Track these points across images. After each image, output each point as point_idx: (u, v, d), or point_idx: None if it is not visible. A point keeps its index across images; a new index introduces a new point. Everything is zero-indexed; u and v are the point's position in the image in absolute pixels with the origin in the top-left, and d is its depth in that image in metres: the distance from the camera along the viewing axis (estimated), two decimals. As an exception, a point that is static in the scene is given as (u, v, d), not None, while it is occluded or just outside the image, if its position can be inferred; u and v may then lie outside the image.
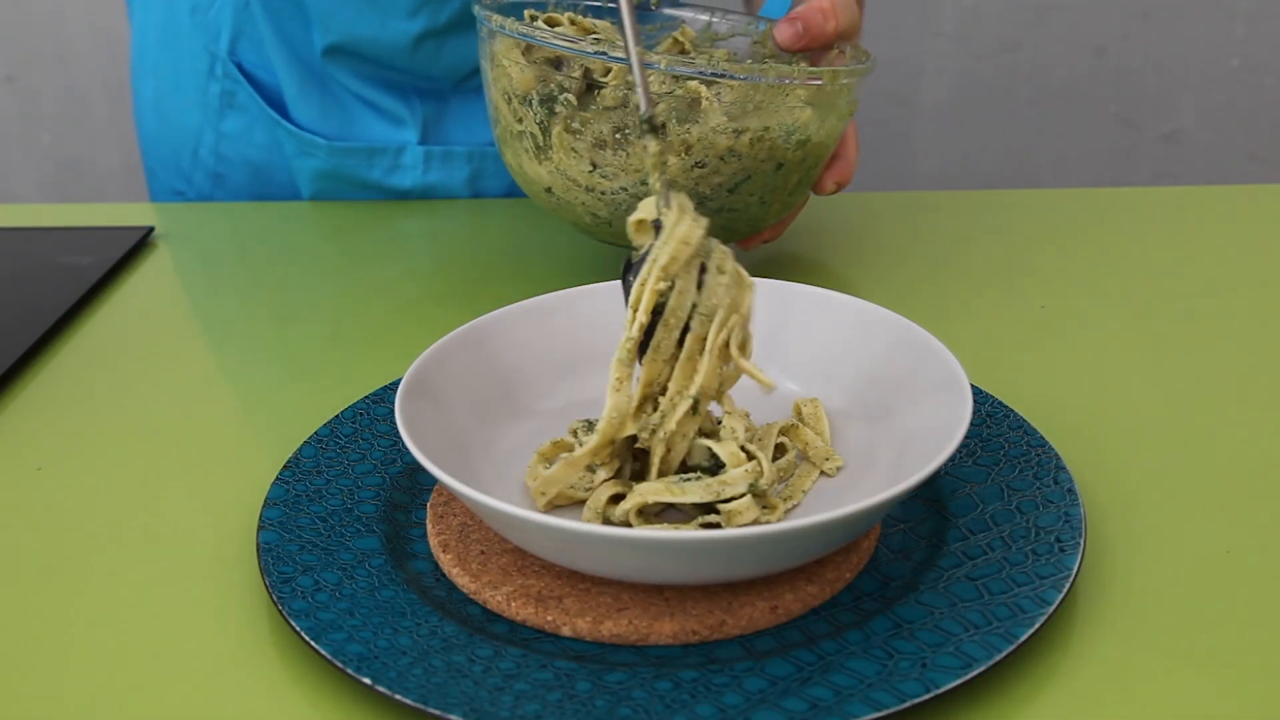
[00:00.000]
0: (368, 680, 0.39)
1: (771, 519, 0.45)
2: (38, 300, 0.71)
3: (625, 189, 0.61)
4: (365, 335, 0.69)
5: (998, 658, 0.39)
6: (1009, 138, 1.70)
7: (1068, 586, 0.42)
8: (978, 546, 0.45)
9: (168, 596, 0.46)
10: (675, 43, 0.69)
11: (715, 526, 0.45)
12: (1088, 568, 0.45)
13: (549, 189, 0.64)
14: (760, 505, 0.45)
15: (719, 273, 0.46)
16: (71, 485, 0.54)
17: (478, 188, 0.90)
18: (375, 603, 0.43)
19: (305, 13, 0.85)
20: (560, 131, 0.61)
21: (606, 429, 0.45)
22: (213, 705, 0.41)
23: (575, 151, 0.61)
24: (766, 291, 0.53)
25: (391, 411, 0.55)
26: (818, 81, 0.60)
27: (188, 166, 0.92)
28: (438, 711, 0.38)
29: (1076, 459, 0.52)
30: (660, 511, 0.46)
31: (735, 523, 0.44)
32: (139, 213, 0.87)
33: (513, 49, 0.62)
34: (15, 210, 0.90)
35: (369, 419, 0.54)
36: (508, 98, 0.63)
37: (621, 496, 0.46)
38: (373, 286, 0.74)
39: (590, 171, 0.62)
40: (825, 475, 0.49)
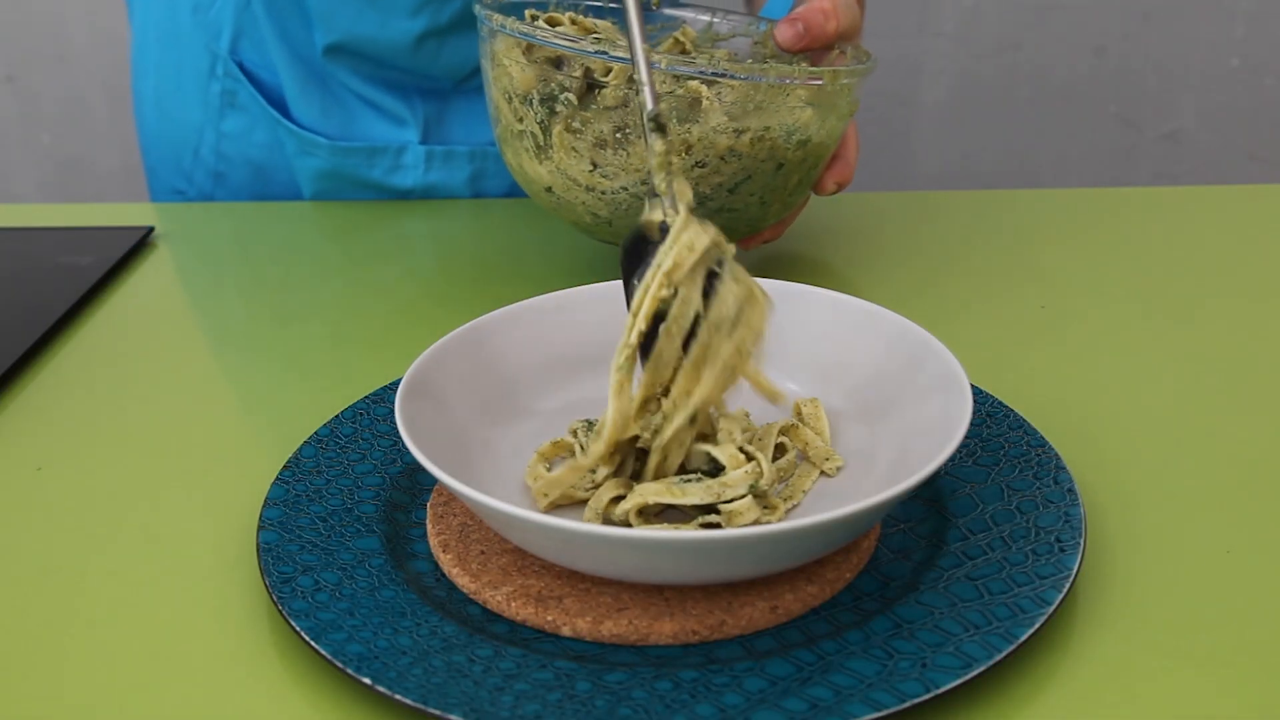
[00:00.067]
0: (368, 680, 0.39)
1: (772, 519, 0.45)
2: (38, 300, 0.71)
3: (626, 188, 0.61)
4: (365, 335, 0.69)
5: (998, 658, 0.39)
6: (1009, 138, 1.70)
7: (1068, 586, 0.42)
8: (978, 546, 0.45)
9: (168, 596, 0.46)
10: (676, 43, 0.69)
11: (715, 526, 0.45)
12: (1088, 568, 0.45)
13: (549, 188, 0.64)
14: (761, 506, 0.45)
15: (733, 281, 0.45)
16: (71, 485, 0.54)
17: (479, 187, 0.90)
18: (375, 603, 0.43)
19: (306, 12, 0.85)
20: (561, 131, 0.61)
21: (611, 435, 0.45)
22: (213, 705, 0.41)
23: (576, 151, 0.61)
24: (766, 292, 0.53)
25: (391, 411, 0.55)
26: (818, 81, 0.60)
27: (188, 165, 0.92)
28: (438, 711, 0.38)
29: (1076, 459, 0.52)
30: (660, 511, 0.46)
31: (736, 523, 0.44)
32: (139, 213, 0.87)
33: (513, 48, 0.62)
34: (15, 210, 0.90)
35: (369, 419, 0.54)
36: (508, 97, 0.63)
37: (622, 497, 0.46)
38: (373, 286, 0.74)
39: (591, 171, 0.62)
40: (825, 475, 0.49)
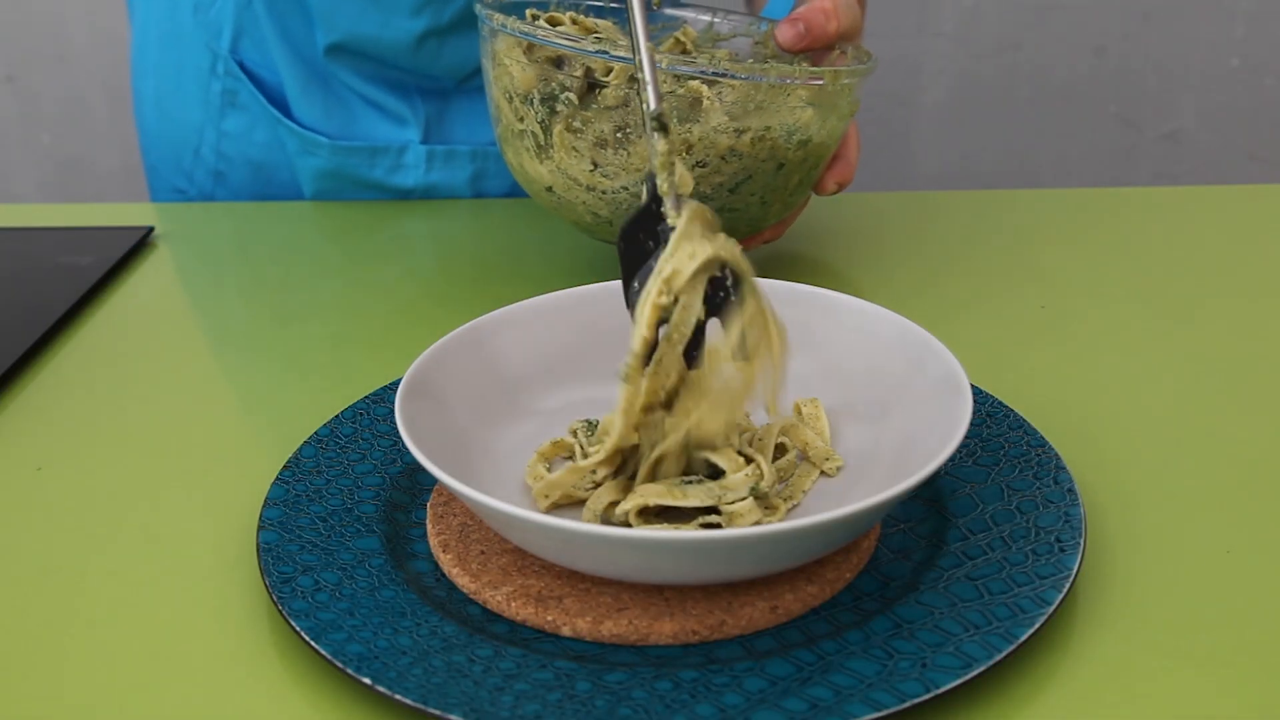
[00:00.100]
0: (368, 680, 0.39)
1: (772, 519, 0.45)
2: (38, 300, 0.71)
3: (626, 188, 0.61)
4: (365, 335, 0.68)
5: (998, 658, 0.39)
6: (1009, 138, 1.70)
7: (1068, 586, 0.42)
8: (978, 546, 0.45)
9: (168, 596, 0.46)
10: (677, 43, 0.69)
11: (715, 527, 0.45)
12: (1088, 568, 0.45)
13: (550, 188, 0.64)
14: (762, 507, 0.45)
15: (750, 307, 0.44)
16: (71, 485, 0.54)
17: (480, 187, 0.90)
18: (375, 603, 0.43)
19: (308, 11, 0.85)
20: (561, 130, 0.61)
21: (614, 444, 0.45)
22: (213, 705, 0.41)
23: (576, 150, 0.61)
24: (767, 292, 0.53)
25: (391, 411, 0.55)
26: (819, 81, 0.60)
27: (189, 165, 0.92)
28: (438, 711, 0.38)
29: (1076, 459, 0.52)
30: (660, 512, 0.46)
31: (737, 525, 0.44)
32: (139, 213, 0.87)
33: (514, 48, 0.62)
34: (15, 210, 0.90)
35: (369, 419, 0.54)
36: (509, 96, 0.63)
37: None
38: (373, 286, 0.74)
39: (591, 171, 0.62)
40: (825, 475, 0.49)
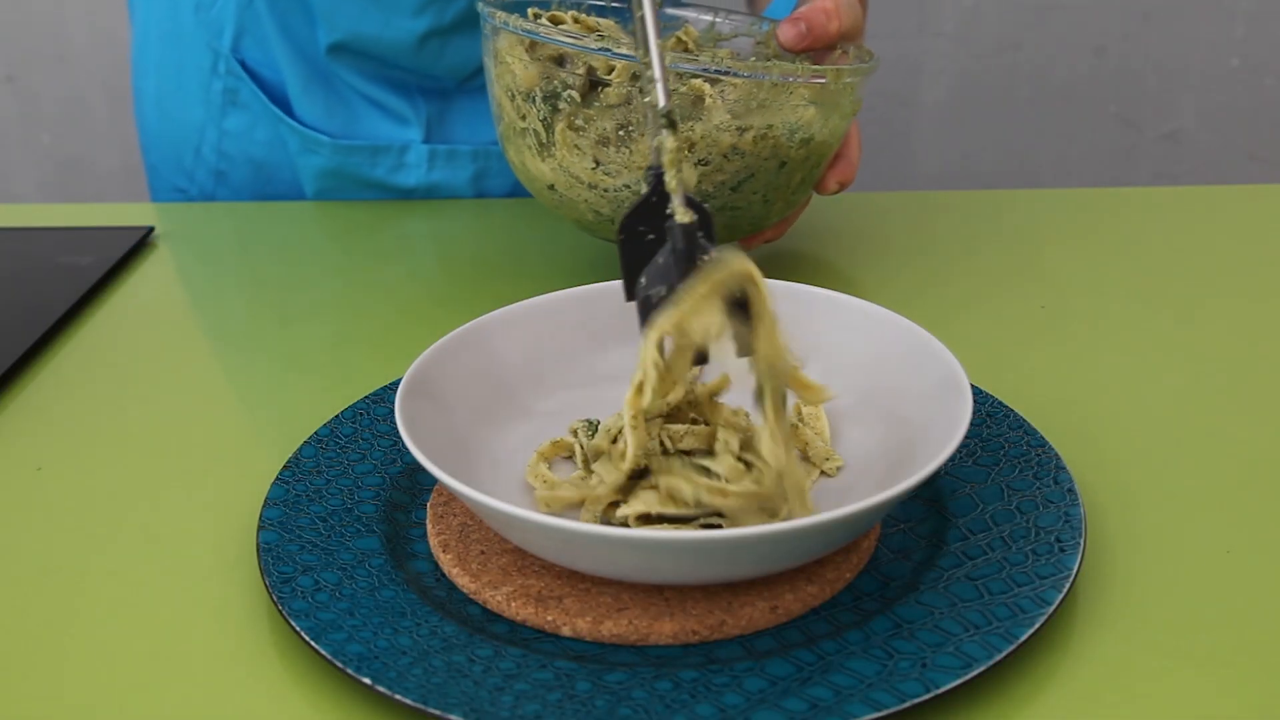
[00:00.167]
0: (368, 680, 0.39)
1: (773, 519, 0.45)
2: (38, 300, 0.71)
3: (628, 186, 0.61)
4: (366, 335, 0.68)
5: (998, 658, 0.39)
6: (1009, 138, 1.70)
7: (1068, 586, 0.42)
8: (978, 546, 0.45)
9: (168, 596, 0.46)
10: (679, 42, 0.69)
11: (715, 527, 0.45)
12: (1088, 568, 0.45)
13: (552, 186, 0.64)
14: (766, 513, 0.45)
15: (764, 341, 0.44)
16: (71, 485, 0.54)
17: (482, 187, 0.90)
18: (375, 603, 0.43)
19: (309, 10, 0.85)
20: (563, 128, 0.61)
21: (630, 467, 0.45)
22: (213, 705, 0.41)
23: (578, 149, 0.61)
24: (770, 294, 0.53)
25: (391, 411, 0.55)
26: (821, 80, 0.60)
27: (190, 164, 0.92)
28: (438, 711, 0.38)
29: (1076, 459, 0.52)
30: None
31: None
32: (139, 213, 0.87)
33: (516, 46, 0.62)
34: (15, 210, 0.90)
35: (369, 419, 0.54)
36: (511, 95, 0.63)
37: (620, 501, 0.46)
38: (373, 286, 0.74)
39: (593, 169, 0.62)
40: (825, 475, 0.49)
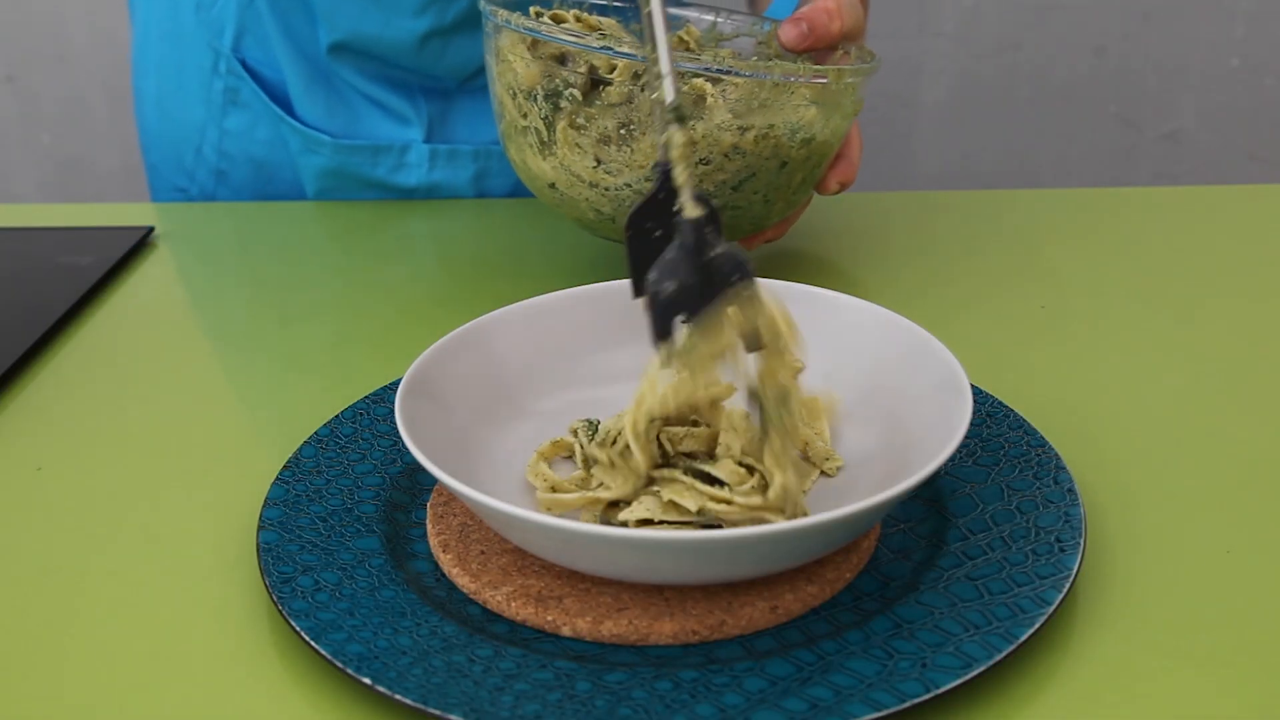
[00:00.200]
0: (368, 680, 0.39)
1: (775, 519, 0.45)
2: (38, 300, 0.71)
3: (629, 185, 0.61)
4: (366, 335, 0.68)
5: (998, 658, 0.39)
6: (1009, 138, 1.70)
7: (1068, 586, 0.42)
8: (978, 546, 0.45)
9: (168, 596, 0.46)
10: (680, 41, 0.69)
11: (715, 527, 0.45)
12: (1088, 568, 0.45)
13: (553, 185, 0.64)
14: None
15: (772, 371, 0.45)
16: (71, 485, 0.54)
17: (483, 186, 0.90)
18: (375, 603, 0.43)
19: (310, 10, 0.85)
20: (565, 127, 0.61)
21: (638, 482, 0.46)
22: (213, 705, 0.41)
23: (579, 147, 0.61)
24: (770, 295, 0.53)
25: (391, 411, 0.55)
26: (823, 79, 0.60)
27: (190, 163, 0.92)
28: (438, 711, 0.38)
29: (1076, 459, 0.52)
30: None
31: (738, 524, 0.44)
32: (139, 213, 0.87)
33: (518, 44, 0.62)
34: (15, 210, 0.90)
35: (369, 419, 0.54)
36: (512, 93, 0.63)
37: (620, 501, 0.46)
38: (374, 286, 0.74)
39: (594, 167, 0.62)
40: (825, 475, 0.49)
